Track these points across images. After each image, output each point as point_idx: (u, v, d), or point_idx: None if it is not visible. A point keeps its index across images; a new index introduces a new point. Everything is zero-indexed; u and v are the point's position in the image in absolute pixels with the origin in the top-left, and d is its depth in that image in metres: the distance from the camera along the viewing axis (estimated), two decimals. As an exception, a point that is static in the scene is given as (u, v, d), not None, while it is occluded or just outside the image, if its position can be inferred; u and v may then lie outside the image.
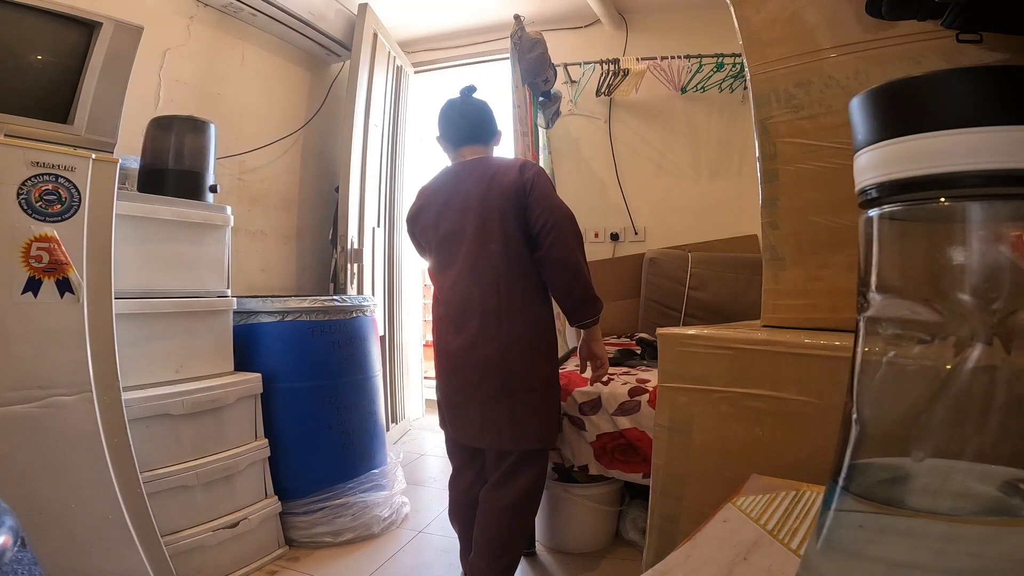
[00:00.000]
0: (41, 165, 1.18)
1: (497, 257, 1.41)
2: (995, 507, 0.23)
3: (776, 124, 0.81)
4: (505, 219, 1.41)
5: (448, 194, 1.50)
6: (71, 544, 1.19)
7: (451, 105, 1.57)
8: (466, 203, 1.45)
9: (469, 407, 1.46)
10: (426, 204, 1.54)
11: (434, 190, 1.54)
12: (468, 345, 1.44)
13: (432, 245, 1.53)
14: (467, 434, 1.49)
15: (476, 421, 1.45)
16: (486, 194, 1.43)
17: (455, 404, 1.51)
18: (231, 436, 1.67)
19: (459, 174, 1.51)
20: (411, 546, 1.88)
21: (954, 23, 0.62)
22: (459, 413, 1.50)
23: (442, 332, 1.52)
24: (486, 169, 1.48)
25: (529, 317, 1.45)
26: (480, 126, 1.55)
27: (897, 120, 0.24)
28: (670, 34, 2.83)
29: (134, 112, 1.70)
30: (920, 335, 0.23)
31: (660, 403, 0.79)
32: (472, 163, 1.51)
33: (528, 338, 1.44)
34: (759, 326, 0.84)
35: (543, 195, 1.42)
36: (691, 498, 0.75)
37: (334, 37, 2.79)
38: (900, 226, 0.24)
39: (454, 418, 1.52)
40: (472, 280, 1.44)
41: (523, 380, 1.42)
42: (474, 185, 1.45)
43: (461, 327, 1.45)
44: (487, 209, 1.42)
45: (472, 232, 1.43)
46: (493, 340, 1.41)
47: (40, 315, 1.18)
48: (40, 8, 1.23)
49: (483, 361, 1.42)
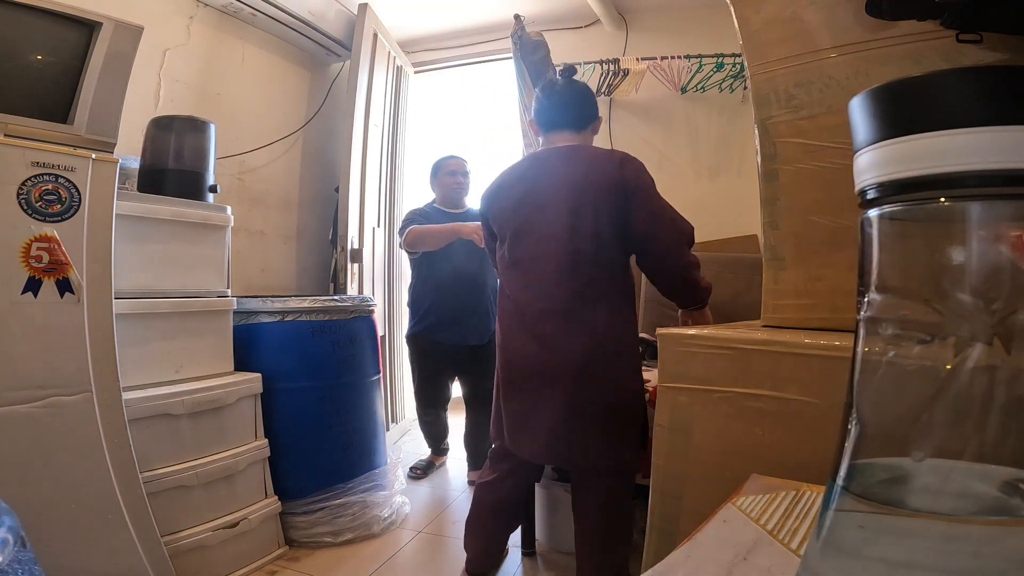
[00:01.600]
0: (41, 165, 1.18)
1: (586, 257, 1.29)
2: (995, 507, 0.23)
3: (776, 124, 0.81)
4: (599, 217, 1.28)
5: (533, 182, 1.37)
6: (71, 544, 1.19)
7: (550, 86, 1.46)
8: (554, 194, 1.32)
9: (537, 418, 1.31)
10: (505, 189, 1.41)
11: (519, 175, 1.41)
12: (543, 350, 1.30)
13: (506, 234, 1.40)
14: (530, 450, 1.34)
15: (544, 436, 1.30)
16: (580, 187, 1.30)
17: (518, 414, 1.36)
18: (231, 436, 1.67)
19: (548, 161, 1.38)
20: (411, 546, 1.88)
21: (954, 23, 0.62)
22: (523, 425, 1.35)
23: (510, 333, 1.38)
24: (580, 159, 1.35)
25: (616, 324, 1.32)
26: (574, 109, 1.42)
27: (897, 120, 0.24)
28: (670, 34, 2.83)
29: (134, 112, 1.70)
30: (920, 335, 0.23)
31: (660, 403, 0.79)
32: (563, 151, 1.38)
33: (613, 347, 1.30)
34: (759, 326, 0.84)
35: (647, 197, 1.30)
36: (691, 498, 0.75)
37: (334, 37, 2.79)
38: (900, 226, 0.24)
39: (515, 430, 1.37)
40: (555, 279, 1.30)
41: (605, 393, 1.28)
42: (565, 176, 1.32)
43: (536, 329, 1.32)
44: (580, 204, 1.29)
45: (559, 227, 1.30)
46: (573, 347, 1.27)
47: (40, 315, 1.18)
48: (40, 8, 1.23)
49: (560, 369, 1.28)
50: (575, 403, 1.27)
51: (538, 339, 1.31)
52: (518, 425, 1.36)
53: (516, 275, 1.38)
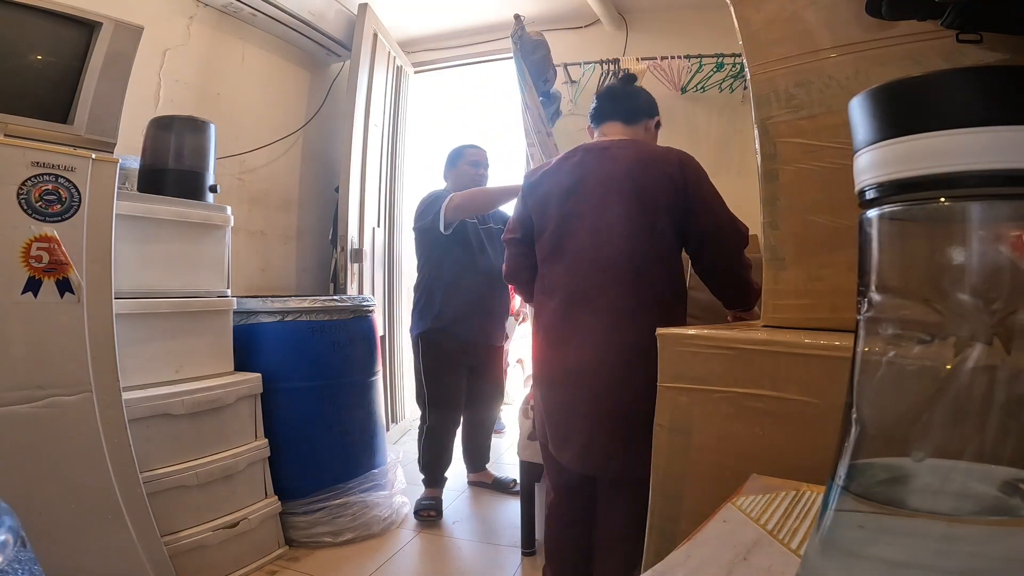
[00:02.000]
0: (41, 165, 1.18)
1: (643, 253, 1.23)
2: (995, 507, 0.23)
3: (776, 124, 0.81)
4: (658, 213, 1.23)
5: (586, 170, 1.30)
6: (71, 544, 1.19)
7: (608, 87, 1.47)
8: (611, 186, 1.26)
9: (577, 421, 1.24)
10: (550, 176, 1.36)
11: (570, 164, 1.34)
12: (588, 348, 1.22)
13: (550, 224, 1.32)
14: (570, 455, 1.26)
15: (583, 440, 1.23)
16: (639, 181, 1.24)
17: (560, 413, 1.29)
18: (231, 436, 1.67)
19: (603, 152, 1.32)
20: (411, 546, 1.88)
21: (954, 23, 0.62)
22: (564, 426, 1.28)
23: (551, 329, 1.31)
24: (639, 152, 1.29)
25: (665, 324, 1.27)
26: (624, 102, 1.39)
27: (897, 120, 0.24)
28: (670, 34, 2.83)
29: (134, 112, 1.70)
30: (920, 335, 0.23)
31: (660, 403, 0.79)
32: (620, 143, 1.32)
33: None
34: (759, 326, 0.84)
35: (707, 197, 1.27)
36: (691, 498, 0.75)
37: (334, 37, 2.80)
38: (900, 226, 0.24)
39: (557, 434, 1.29)
40: (607, 275, 1.24)
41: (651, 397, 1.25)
42: (624, 168, 1.26)
43: (581, 326, 1.24)
44: (638, 198, 1.23)
45: (615, 221, 1.24)
46: (623, 345, 1.20)
47: (40, 315, 1.18)
48: (40, 8, 1.23)
49: (606, 369, 1.20)
50: (622, 406, 1.18)
51: (584, 337, 1.23)
52: (560, 427, 1.29)
53: (561, 267, 1.30)
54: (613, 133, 1.38)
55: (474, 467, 2.43)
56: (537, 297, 1.38)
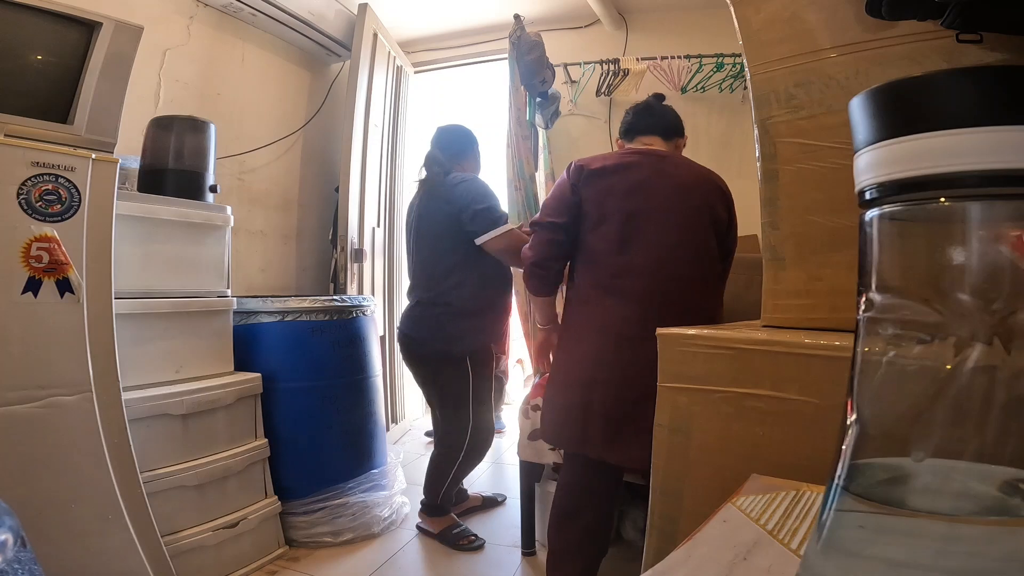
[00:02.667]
0: (41, 165, 1.18)
1: (708, 259, 1.35)
2: (995, 507, 0.23)
3: (776, 124, 0.81)
4: (717, 227, 1.36)
5: (648, 174, 1.34)
6: (71, 544, 1.19)
7: (645, 103, 1.52)
8: (680, 194, 1.33)
9: (643, 421, 1.19)
10: (612, 170, 1.36)
11: (633, 163, 1.36)
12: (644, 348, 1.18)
13: (611, 216, 1.32)
14: (632, 456, 1.22)
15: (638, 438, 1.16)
16: (705, 195, 1.35)
17: (614, 418, 1.25)
18: (231, 436, 1.67)
19: (662, 160, 1.38)
20: (411, 546, 1.88)
21: (954, 23, 0.62)
22: (620, 429, 1.24)
23: (614, 317, 1.28)
24: (691, 167, 1.40)
25: None
26: (661, 119, 1.47)
27: (897, 120, 0.24)
28: (670, 34, 2.83)
29: (134, 112, 1.70)
30: (920, 335, 0.23)
31: (660, 403, 0.79)
32: (673, 155, 1.42)
33: None
34: (759, 326, 0.84)
35: (736, 222, 1.42)
36: (691, 498, 0.75)
37: (334, 37, 2.79)
38: (900, 226, 0.24)
39: (607, 432, 1.25)
40: (682, 273, 1.30)
41: None
42: (689, 180, 1.36)
43: (646, 318, 1.21)
44: (708, 209, 1.34)
45: (690, 227, 1.32)
46: None
47: (40, 315, 1.18)
48: (40, 8, 1.23)
49: None
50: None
51: (649, 330, 1.24)
52: (614, 431, 1.25)
53: (622, 260, 1.30)
54: (650, 143, 1.43)
55: (461, 496, 2.18)
56: (585, 290, 1.36)
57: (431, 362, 1.87)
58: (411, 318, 1.89)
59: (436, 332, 1.82)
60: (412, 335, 1.87)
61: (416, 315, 1.87)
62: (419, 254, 1.90)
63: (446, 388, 1.85)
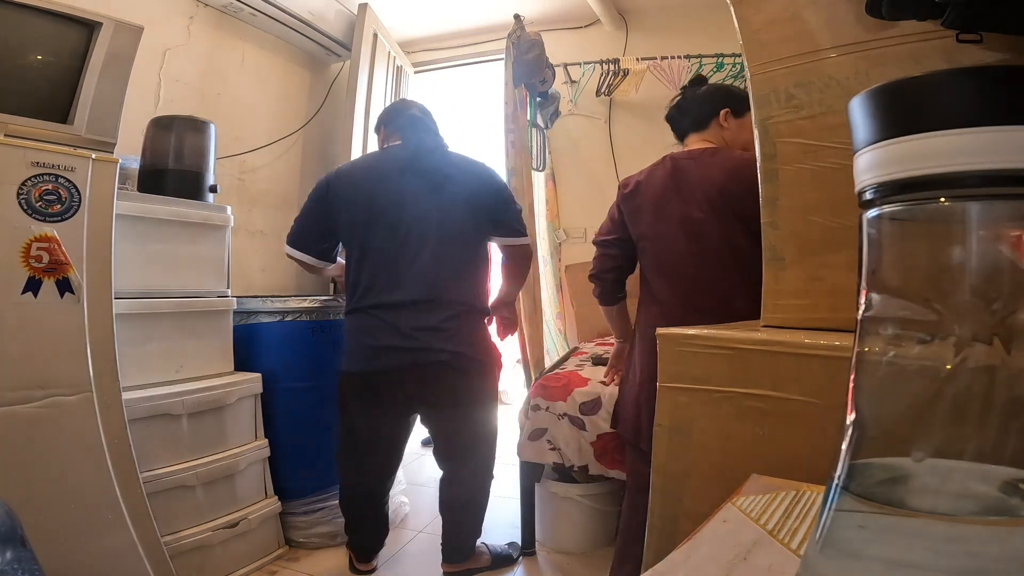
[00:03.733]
0: (41, 165, 1.18)
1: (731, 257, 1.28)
2: (995, 507, 0.23)
3: (776, 124, 0.81)
4: (742, 212, 1.25)
5: (663, 187, 1.36)
6: (71, 544, 1.19)
7: (676, 100, 1.49)
8: (700, 196, 1.31)
9: None
10: (644, 187, 1.40)
11: (662, 175, 1.39)
12: None
13: (647, 232, 1.39)
14: None
15: None
16: (721, 188, 1.28)
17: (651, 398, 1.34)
18: (231, 436, 1.68)
19: (685, 162, 1.37)
20: (411, 546, 1.88)
21: (954, 23, 0.62)
22: None
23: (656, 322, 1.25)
24: (723, 161, 1.31)
25: None
26: (692, 110, 1.42)
27: (897, 120, 0.24)
28: (670, 34, 2.83)
29: (134, 112, 1.70)
30: (920, 335, 0.23)
31: (660, 403, 0.79)
32: (704, 152, 1.36)
33: None
34: (759, 326, 0.84)
35: None
36: (691, 498, 0.75)
37: (334, 37, 2.79)
38: (900, 226, 0.24)
39: None
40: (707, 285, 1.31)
41: None
42: (702, 182, 1.31)
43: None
44: (724, 204, 1.28)
45: (703, 237, 1.31)
46: None
47: (40, 315, 1.18)
48: (40, 8, 1.23)
49: None
50: None
51: None
52: None
53: (659, 279, 1.39)
54: (693, 143, 1.42)
55: None
56: (643, 300, 1.45)
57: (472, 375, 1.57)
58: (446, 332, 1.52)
59: (481, 342, 1.59)
60: (463, 351, 1.53)
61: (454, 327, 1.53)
62: (438, 247, 1.54)
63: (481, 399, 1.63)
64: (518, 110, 2.39)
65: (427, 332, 1.50)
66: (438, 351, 1.50)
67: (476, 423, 1.62)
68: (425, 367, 1.51)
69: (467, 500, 1.66)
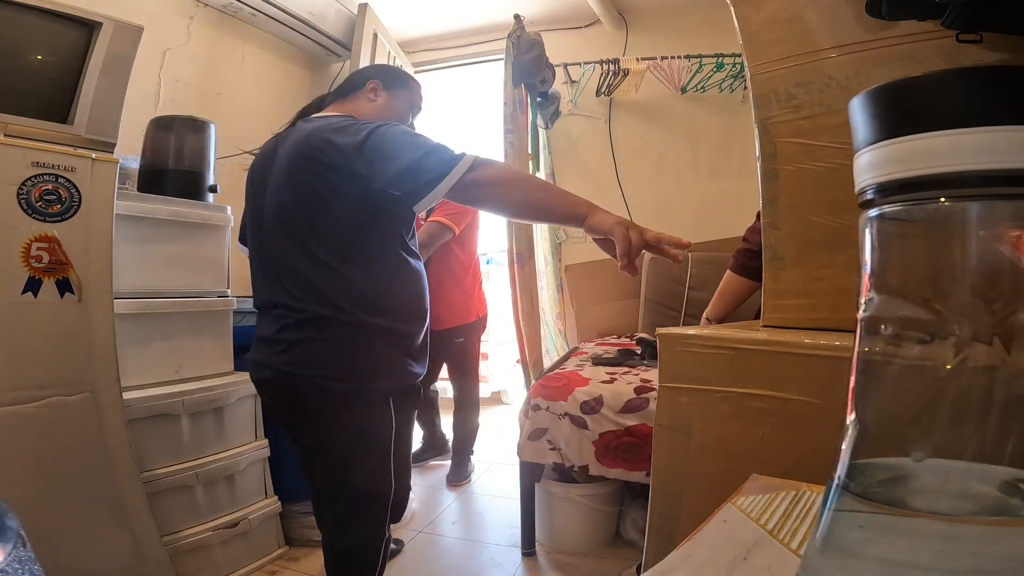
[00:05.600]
0: (41, 165, 1.18)
1: None
2: (995, 507, 0.23)
3: (776, 124, 0.81)
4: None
5: None
6: (71, 544, 1.19)
7: None
8: None
9: None
10: None
11: None
12: None
13: None
14: None
15: None
16: None
17: None
18: (231, 436, 1.67)
19: None
20: (411, 546, 1.88)
21: (954, 23, 0.62)
22: None
23: None
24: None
25: None
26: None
27: (897, 120, 0.24)
28: (670, 34, 2.83)
29: (134, 112, 1.69)
30: (920, 335, 0.23)
31: (660, 403, 0.79)
32: None
33: None
34: (759, 326, 0.84)
35: None
36: (691, 498, 0.75)
37: (334, 37, 2.79)
38: (900, 226, 0.24)
39: None
40: None
41: None
42: None
43: None
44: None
45: None
46: None
47: (40, 315, 1.18)
48: (40, 8, 1.23)
49: None
50: None
51: None
52: None
53: None
54: None
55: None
56: None
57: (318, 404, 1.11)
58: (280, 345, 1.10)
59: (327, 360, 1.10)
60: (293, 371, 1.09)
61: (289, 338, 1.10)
62: (285, 238, 1.16)
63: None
64: (518, 110, 2.39)
65: (265, 344, 1.10)
66: (264, 366, 1.09)
67: (333, 468, 1.10)
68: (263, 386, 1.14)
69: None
